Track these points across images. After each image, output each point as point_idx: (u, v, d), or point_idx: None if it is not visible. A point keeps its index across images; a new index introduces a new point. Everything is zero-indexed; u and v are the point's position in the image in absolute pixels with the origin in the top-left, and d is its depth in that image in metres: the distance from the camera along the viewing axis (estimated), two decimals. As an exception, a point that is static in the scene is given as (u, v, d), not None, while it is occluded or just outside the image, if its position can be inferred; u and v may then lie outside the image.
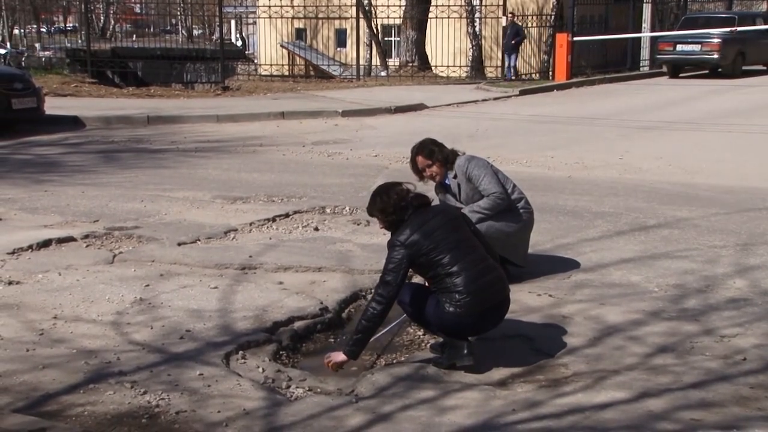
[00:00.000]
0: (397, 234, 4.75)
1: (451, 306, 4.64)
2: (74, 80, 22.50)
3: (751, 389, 4.51)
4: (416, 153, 6.17)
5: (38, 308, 5.71)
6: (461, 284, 4.62)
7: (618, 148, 12.54)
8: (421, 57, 25.97)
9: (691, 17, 29.16)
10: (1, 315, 5.59)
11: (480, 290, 4.66)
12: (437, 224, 4.77)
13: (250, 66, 30.23)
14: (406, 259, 4.66)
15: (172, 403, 4.33)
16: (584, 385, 4.56)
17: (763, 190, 9.74)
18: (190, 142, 13.60)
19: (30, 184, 9.94)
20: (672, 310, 5.73)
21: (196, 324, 5.42)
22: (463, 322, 4.69)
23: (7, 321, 5.48)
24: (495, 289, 4.78)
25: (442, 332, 4.83)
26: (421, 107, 18.17)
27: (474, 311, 4.66)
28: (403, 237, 4.69)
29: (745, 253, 7.05)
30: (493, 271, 4.81)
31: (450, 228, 4.80)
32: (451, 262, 4.65)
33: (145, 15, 55.38)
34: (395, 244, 4.71)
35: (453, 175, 6.18)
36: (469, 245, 4.80)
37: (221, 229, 7.79)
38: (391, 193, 4.91)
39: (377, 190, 5.07)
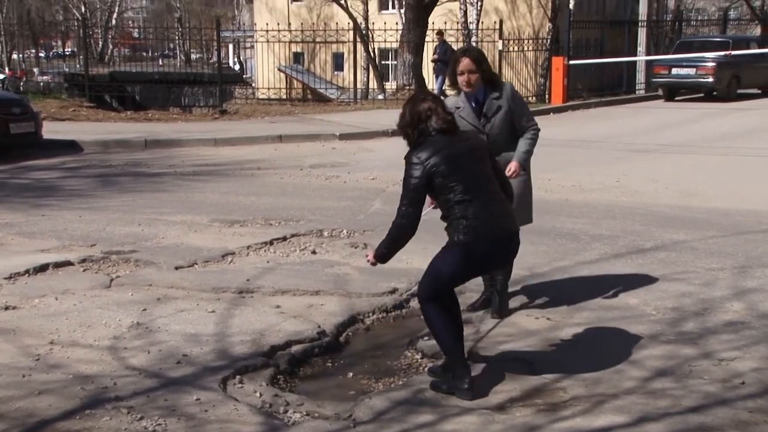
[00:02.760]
0: (417, 150, 4.70)
1: (459, 234, 4.63)
2: (72, 104, 22.54)
3: (749, 413, 4.50)
4: (463, 54, 5.87)
5: (35, 333, 5.69)
6: (470, 212, 4.60)
7: (615, 171, 12.57)
8: (418, 80, 26.05)
9: (686, 41, 29.32)
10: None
11: (488, 219, 4.65)
12: (461, 150, 4.74)
13: (247, 90, 30.30)
14: (424, 177, 4.62)
15: (168, 428, 4.31)
16: (583, 410, 4.54)
17: (760, 212, 9.76)
18: (188, 166, 13.62)
19: (27, 209, 9.94)
20: (670, 333, 5.72)
21: (193, 348, 5.40)
22: (471, 253, 4.65)
23: (3, 346, 5.46)
24: (504, 222, 4.76)
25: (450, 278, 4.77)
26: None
27: (481, 239, 4.63)
28: (423, 155, 4.64)
29: (742, 276, 7.05)
30: (503, 204, 4.81)
31: (473, 158, 4.77)
32: (465, 191, 4.62)
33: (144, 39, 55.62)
34: (414, 161, 4.67)
35: (495, 96, 5.86)
36: (487, 178, 4.78)
37: (219, 253, 7.79)
38: (415, 109, 4.81)
39: (406, 101, 4.98)
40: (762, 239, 8.39)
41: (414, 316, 6.26)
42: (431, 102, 4.81)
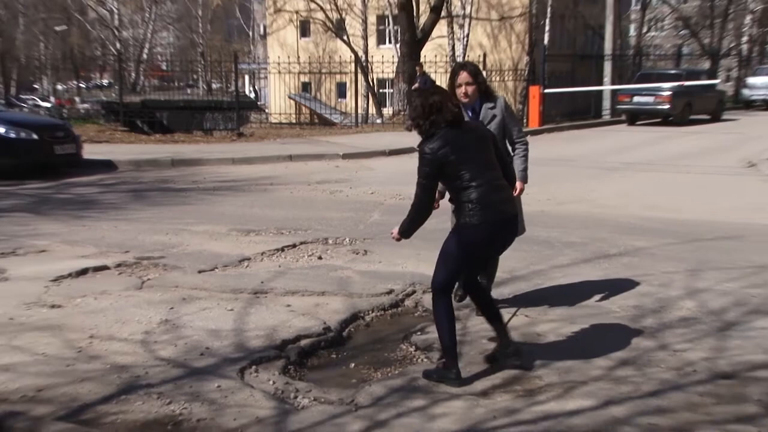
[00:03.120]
0: (428, 142, 4.66)
1: (466, 217, 4.64)
2: (108, 129, 22.57)
3: (700, 397, 4.53)
4: (461, 67, 5.75)
5: (77, 329, 5.71)
6: (475, 197, 4.61)
7: (585, 186, 12.61)
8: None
9: (645, 73, 29.46)
10: (45, 335, 5.58)
11: (491, 204, 4.65)
12: (469, 141, 4.72)
13: (261, 115, 30.34)
14: (436, 166, 4.62)
15: (193, 411, 4.33)
16: (556, 395, 4.57)
17: (710, 222, 9.78)
18: (209, 182, 13.64)
19: (70, 220, 9.95)
20: (632, 328, 5.74)
21: (215, 342, 5.42)
22: (477, 233, 4.65)
23: (51, 340, 5.48)
24: (504, 206, 4.75)
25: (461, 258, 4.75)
26: (413, 150, 18.17)
27: (485, 221, 4.63)
28: (435, 146, 4.62)
29: (694, 278, 7.07)
30: (505, 190, 4.82)
31: (479, 146, 4.76)
32: (471, 178, 4.63)
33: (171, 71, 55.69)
34: (426, 152, 4.64)
35: (490, 106, 5.78)
36: (491, 165, 4.77)
37: (236, 258, 7.80)
38: (426, 102, 4.75)
39: (417, 95, 4.93)
40: (711, 246, 8.42)
41: (408, 313, 6.28)
42: (440, 96, 4.79)
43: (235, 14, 68.43)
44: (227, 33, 71.19)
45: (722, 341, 5.43)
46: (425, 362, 5.16)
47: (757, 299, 6.42)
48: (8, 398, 4.51)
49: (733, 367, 4.98)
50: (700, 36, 46.47)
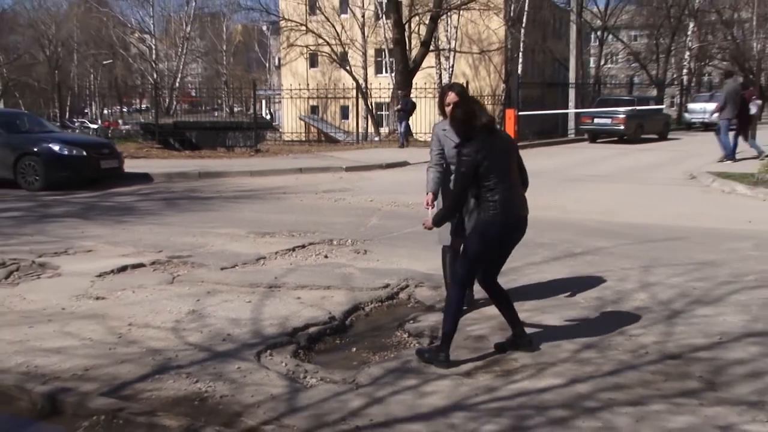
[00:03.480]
0: (468, 146, 4.56)
1: (488, 213, 4.60)
2: (146, 146, 22.53)
3: (652, 375, 4.50)
4: (450, 88, 5.52)
5: (118, 317, 5.67)
6: (499, 199, 4.58)
7: (554, 195, 12.57)
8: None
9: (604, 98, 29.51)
10: (91, 323, 5.55)
11: (510, 204, 4.64)
12: (501, 149, 4.66)
13: (276, 134, 30.36)
14: (473, 167, 4.54)
15: (216, 389, 4.29)
16: (530, 374, 4.53)
17: (659, 225, 9.76)
18: (231, 191, 13.59)
19: (113, 224, 9.90)
20: (594, 316, 5.71)
21: (235, 329, 5.38)
22: (494, 228, 4.62)
23: (95, 327, 5.44)
24: (519, 209, 4.75)
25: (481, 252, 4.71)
26: (406, 164, 18.23)
27: (504, 220, 4.62)
28: (473, 149, 4.54)
29: (646, 273, 7.05)
30: (519, 195, 4.78)
31: (507, 156, 4.70)
32: (496, 183, 4.57)
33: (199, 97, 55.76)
34: (465, 155, 4.55)
35: None
36: (513, 171, 4.73)
37: (253, 257, 7.75)
38: (467, 109, 4.67)
39: (456, 103, 4.88)
40: (661, 246, 8.39)
41: (402, 305, 6.24)
42: (477, 105, 4.74)
43: (254, 48, 68.60)
44: (247, 64, 71.30)
45: (670, 327, 5.40)
46: (417, 347, 5.12)
47: (698, 291, 6.39)
48: (60, 376, 4.49)
49: (680, 349, 4.95)
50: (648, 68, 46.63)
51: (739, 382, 4.37)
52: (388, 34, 31.36)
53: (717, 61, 49.76)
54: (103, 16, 53.95)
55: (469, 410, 4.01)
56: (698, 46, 43.96)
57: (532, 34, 38.61)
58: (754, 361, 4.72)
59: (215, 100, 56.81)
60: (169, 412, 3.97)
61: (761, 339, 5.14)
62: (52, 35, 55.36)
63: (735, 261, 7.58)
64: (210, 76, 63.79)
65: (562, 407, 4.03)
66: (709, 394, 4.21)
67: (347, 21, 38.40)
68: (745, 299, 6.13)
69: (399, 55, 26.73)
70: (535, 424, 3.86)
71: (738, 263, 7.47)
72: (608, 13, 45.35)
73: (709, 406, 4.03)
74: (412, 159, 18.77)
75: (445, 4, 28.67)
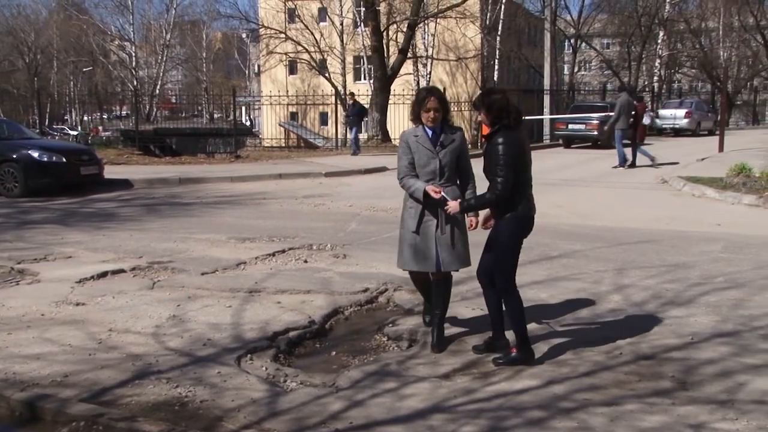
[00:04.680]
0: (504, 138, 4.51)
1: (516, 210, 4.63)
2: (126, 153, 22.32)
3: (626, 375, 4.53)
4: (430, 93, 5.03)
5: (98, 323, 5.61)
6: (530, 194, 4.69)
7: (527, 199, 12.62)
8: (384, 132, 26.14)
9: (578, 105, 29.70)
10: (71, 328, 5.48)
11: (527, 200, 4.70)
12: (526, 144, 4.70)
13: (256, 140, 30.22)
14: (516, 154, 4.55)
15: (197, 394, 4.25)
16: (507, 376, 4.54)
17: (632, 229, 9.84)
18: (211, 197, 13.51)
19: (93, 230, 9.80)
20: (570, 318, 5.74)
21: (215, 334, 5.34)
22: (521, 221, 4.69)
23: (75, 333, 5.38)
24: (533, 203, 4.80)
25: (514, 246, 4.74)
26: (384, 169, 18.21)
27: (529, 214, 4.71)
28: (510, 140, 4.53)
29: (620, 276, 7.10)
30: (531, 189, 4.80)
31: (528, 150, 4.75)
32: (527, 179, 4.65)
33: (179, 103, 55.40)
34: (503, 142, 4.50)
35: (452, 132, 5.02)
36: (530, 166, 4.76)
37: (234, 262, 7.71)
38: (503, 98, 4.63)
39: (493, 91, 4.78)
40: (634, 248, 8.45)
41: (381, 308, 6.23)
42: (507, 98, 4.69)
43: (233, 55, 68.36)
44: (227, 71, 71.03)
45: (643, 328, 5.44)
46: (396, 350, 5.12)
47: (670, 293, 6.45)
48: (39, 383, 4.43)
49: (653, 349, 4.99)
50: (620, 75, 47.15)
51: (710, 382, 4.41)
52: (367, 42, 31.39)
53: (686, 69, 50.52)
54: (83, 24, 53.41)
55: (447, 412, 4.01)
56: (668, 54, 44.52)
57: (508, 42, 38.82)
58: (723, 360, 4.77)
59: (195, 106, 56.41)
60: (149, 418, 3.92)
61: (731, 339, 5.19)
62: (32, 42, 54.78)
63: (705, 263, 7.66)
64: (190, 83, 63.45)
65: (539, 408, 4.04)
66: (682, 393, 4.24)
67: (326, 29, 38.37)
68: (716, 300, 6.20)
69: (377, 62, 26.76)
70: (512, 425, 3.86)
71: (708, 265, 7.55)
72: (581, 21, 45.79)
73: (681, 406, 4.06)
74: (391, 164, 18.76)
75: (423, 13, 28.75)
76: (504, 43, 37.23)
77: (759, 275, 7.08)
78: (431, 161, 4.95)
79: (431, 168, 4.95)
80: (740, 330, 5.40)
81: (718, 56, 45.38)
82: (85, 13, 55.35)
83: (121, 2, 49.70)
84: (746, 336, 5.27)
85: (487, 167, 4.64)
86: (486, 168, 4.67)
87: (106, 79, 57.31)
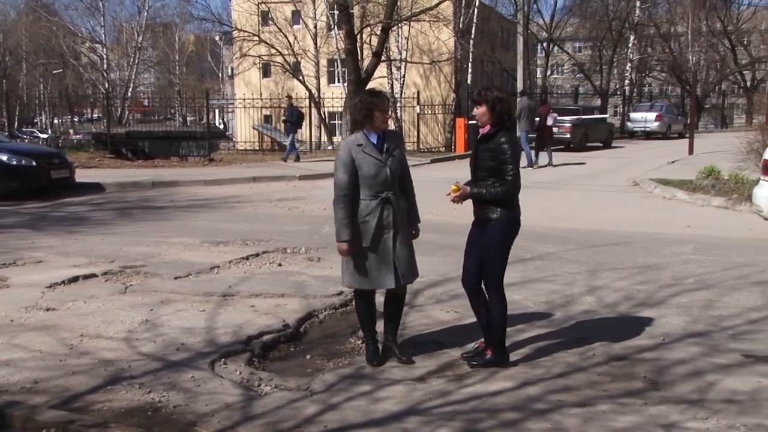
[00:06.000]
0: (507, 138, 4.55)
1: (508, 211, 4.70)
2: (98, 156, 22.09)
3: (599, 376, 4.56)
4: (380, 95, 4.81)
5: (69, 328, 5.54)
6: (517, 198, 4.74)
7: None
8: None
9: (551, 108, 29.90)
10: (41, 334, 5.40)
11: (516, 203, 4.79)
12: None
13: (229, 143, 30.06)
14: (517, 156, 4.61)
15: (170, 399, 4.21)
16: (481, 378, 4.55)
17: (604, 231, 9.94)
18: (185, 201, 13.41)
19: (63, 234, 9.67)
20: (544, 320, 5.77)
21: (189, 338, 5.30)
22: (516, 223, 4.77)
23: (45, 339, 5.30)
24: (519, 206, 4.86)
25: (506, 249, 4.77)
26: (358, 173, 18.19)
27: (515, 218, 4.77)
28: (513, 140, 4.59)
29: (593, 277, 7.16)
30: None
31: None
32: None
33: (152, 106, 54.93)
34: (507, 141, 4.54)
35: (394, 137, 4.79)
36: None
37: (207, 266, 7.65)
38: (508, 100, 4.69)
39: (498, 90, 4.73)
40: (606, 250, 8.54)
41: (355, 311, 6.20)
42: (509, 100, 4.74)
43: (206, 58, 67.94)
44: (200, 74, 70.52)
45: (616, 329, 5.49)
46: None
47: (642, 294, 6.52)
48: (8, 389, 4.36)
49: (625, 350, 5.04)
50: (592, 78, 47.63)
51: (681, 382, 4.47)
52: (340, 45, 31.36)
53: (656, 73, 51.18)
54: (53, 26, 52.71)
55: (422, 414, 4.01)
56: (639, 58, 45.07)
57: (481, 45, 39.00)
58: (694, 360, 4.83)
59: (168, 109, 55.97)
60: (122, 423, 3.88)
61: (701, 339, 5.26)
62: (0, 44, 53.94)
63: (676, 264, 7.75)
64: (163, 86, 62.90)
65: (513, 410, 4.06)
66: (653, 393, 4.29)
67: (300, 32, 38.29)
68: (686, 301, 6.28)
69: (351, 65, 26.72)
70: (487, 427, 3.87)
71: (679, 266, 7.64)
72: (553, 25, 46.23)
73: (653, 405, 4.11)
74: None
75: (396, 16, 28.78)
76: (477, 46, 37.41)
77: (728, 276, 7.19)
78: (382, 170, 4.62)
79: (382, 177, 4.62)
80: (710, 330, 5.48)
81: (687, 60, 46.03)
82: (55, 15, 54.62)
83: (92, 4, 49.09)
84: (716, 336, 5.34)
85: (483, 165, 4.64)
86: (480, 166, 4.67)
87: (77, 81, 56.57)
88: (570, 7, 47.54)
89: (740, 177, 12.89)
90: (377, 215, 4.65)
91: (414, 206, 4.94)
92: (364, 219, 4.65)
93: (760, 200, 9.02)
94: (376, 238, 4.65)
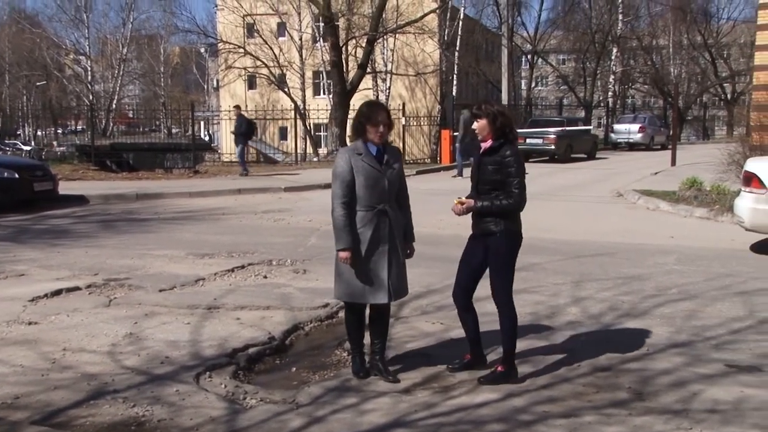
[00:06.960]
0: (512, 150, 4.63)
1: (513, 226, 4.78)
2: (81, 168, 21.90)
3: (584, 387, 4.58)
4: (381, 107, 4.77)
5: (51, 342, 5.48)
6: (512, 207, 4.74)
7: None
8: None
9: (535, 119, 30.17)
10: (22, 348, 5.34)
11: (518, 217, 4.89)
12: None
13: (215, 155, 29.97)
14: (522, 170, 4.68)
15: (154, 413, 4.18)
16: (467, 390, 4.56)
17: (589, 242, 9.98)
18: (169, 213, 13.34)
19: (46, 247, 9.59)
20: (528, 331, 5.77)
21: (173, 352, 5.26)
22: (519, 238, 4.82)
23: (27, 353, 5.24)
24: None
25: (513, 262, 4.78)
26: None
27: (518, 231, 4.86)
28: (517, 153, 4.68)
29: (577, 288, 7.19)
30: None
31: None
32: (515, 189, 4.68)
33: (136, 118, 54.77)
34: (512, 154, 4.61)
35: (394, 151, 4.81)
36: None
37: (192, 279, 7.61)
38: (508, 113, 4.76)
39: (500, 106, 4.84)
40: (591, 261, 8.58)
41: (341, 323, 6.16)
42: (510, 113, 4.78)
43: (192, 70, 67.80)
44: (185, 86, 70.39)
45: (601, 340, 5.51)
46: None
47: (626, 305, 6.56)
48: (-12, 406, 4.29)
49: (610, 361, 5.06)
50: (576, 90, 48.04)
51: (665, 392, 4.49)
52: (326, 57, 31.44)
53: (639, 85, 51.72)
54: (36, 37, 52.47)
55: (408, 427, 4.01)
56: (622, 70, 45.55)
57: (466, 57, 39.27)
58: (678, 371, 4.86)
59: (153, 121, 55.78)
60: (105, 438, 3.84)
61: (684, 349, 5.30)
62: (-19, 55, 53.65)
63: (660, 275, 7.80)
64: (148, 98, 62.72)
65: (498, 421, 4.06)
66: (638, 404, 4.31)
67: (285, 44, 38.35)
68: (670, 312, 6.32)
69: (336, 77, 26.82)
70: (472, 438, 3.87)
71: (662, 277, 7.69)
72: (538, 37, 46.62)
73: (637, 416, 4.12)
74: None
75: (381, 28, 28.92)
76: (462, 58, 37.67)
77: (710, 287, 7.24)
78: (380, 180, 4.58)
79: (380, 188, 4.57)
80: (693, 340, 5.52)
81: (669, 73, 46.57)
82: (39, 27, 54.37)
83: (76, 16, 48.97)
84: (699, 346, 5.38)
85: (487, 178, 4.68)
86: (484, 179, 4.70)
87: (61, 93, 56.28)
88: (554, 20, 48.05)
89: (722, 188, 13.00)
90: (372, 227, 4.58)
91: (410, 224, 4.93)
92: (359, 230, 4.58)
93: (742, 211, 9.11)
94: (370, 250, 4.58)
